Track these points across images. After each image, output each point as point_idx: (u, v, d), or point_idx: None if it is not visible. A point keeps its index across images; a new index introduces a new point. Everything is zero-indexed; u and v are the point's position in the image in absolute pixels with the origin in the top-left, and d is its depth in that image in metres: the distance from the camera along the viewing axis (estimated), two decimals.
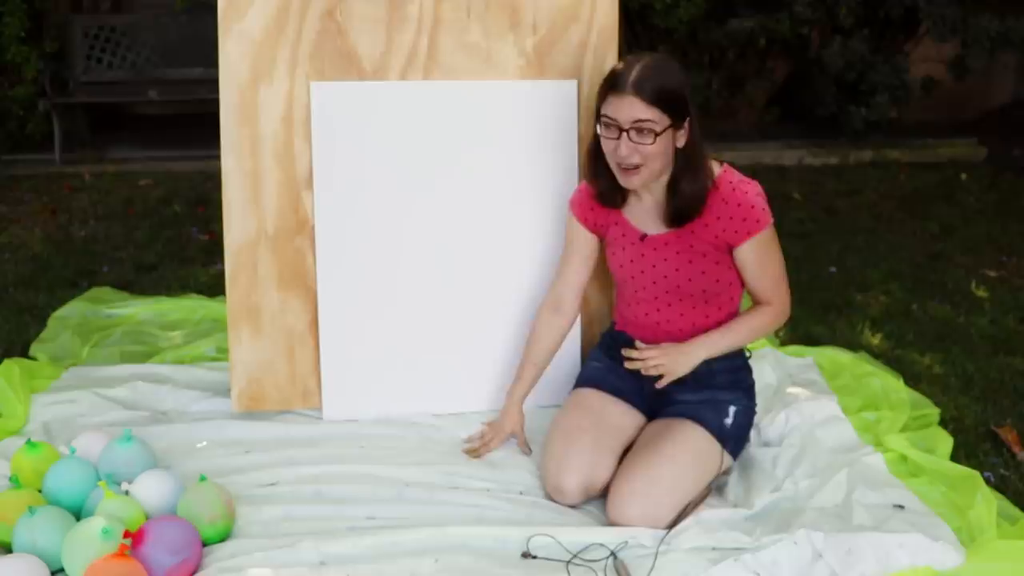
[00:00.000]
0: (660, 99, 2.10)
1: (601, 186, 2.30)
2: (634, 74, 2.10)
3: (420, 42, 2.60)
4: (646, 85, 2.09)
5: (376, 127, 2.60)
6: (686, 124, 2.15)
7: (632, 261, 2.32)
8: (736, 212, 2.19)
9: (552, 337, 2.50)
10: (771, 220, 2.23)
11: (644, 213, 2.30)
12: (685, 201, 2.19)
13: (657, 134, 2.11)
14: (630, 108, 2.10)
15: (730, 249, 2.24)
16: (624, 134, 2.12)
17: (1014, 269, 4.21)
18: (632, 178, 2.18)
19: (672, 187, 2.21)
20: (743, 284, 2.32)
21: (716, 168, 2.24)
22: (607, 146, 2.18)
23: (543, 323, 2.49)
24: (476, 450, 2.48)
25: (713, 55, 6.41)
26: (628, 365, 2.29)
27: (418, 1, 2.58)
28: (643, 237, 2.30)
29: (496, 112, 2.64)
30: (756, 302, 2.32)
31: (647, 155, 2.13)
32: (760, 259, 2.24)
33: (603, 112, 2.15)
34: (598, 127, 2.18)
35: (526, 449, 2.48)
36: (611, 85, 2.14)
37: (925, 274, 4.12)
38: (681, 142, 2.17)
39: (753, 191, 2.22)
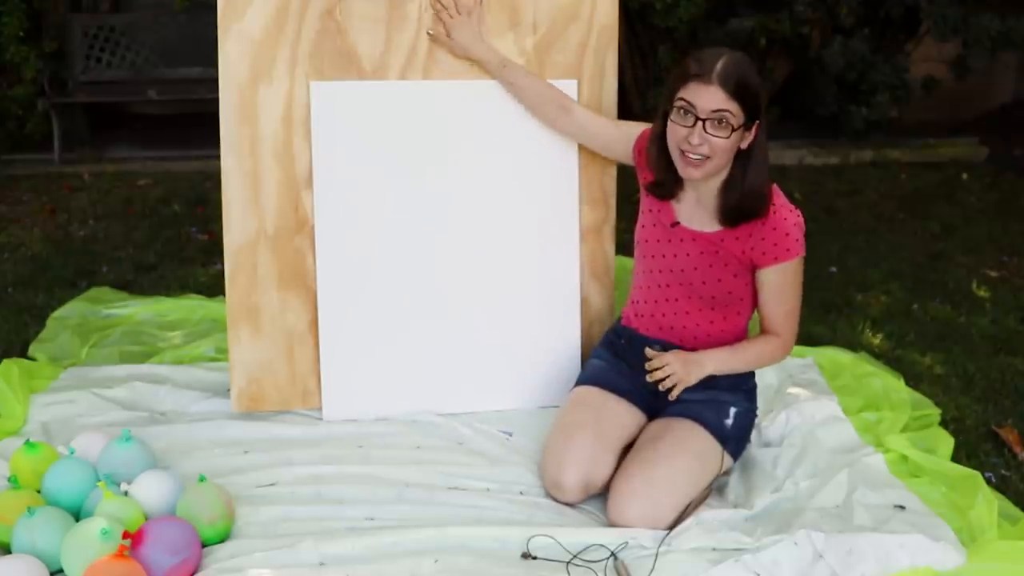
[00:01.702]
0: (741, 94, 2.07)
1: (659, 176, 2.27)
2: (720, 65, 2.07)
3: (420, 41, 2.60)
4: (732, 78, 2.07)
5: (376, 127, 2.59)
6: (755, 126, 2.13)
7: (658, 241, 2.32)
8: (770, 234, 2.18)
9: (543, 88, 2.57)
10: (802, 253, 2.21)
11: (686, 204, 2.29)
12: (747, 199, 2.16)
13: (734, 128, 2.08)
14: (712, 97, 2.07)
15: (754, 268, 2.23)
16: (700, 123, 2.09)
17: (1015, 269, 4.21)
18: (695, 170, 2.14)
19: (729, 186, 2.18)
20: (755, 306, 2.31)
21: None
22: (676, 133, 2.13)
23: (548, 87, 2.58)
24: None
25: None
26: (649, 379, 2.23)
27: (418, 0, 2.58)
28: (674, 224, 2.30)
29: (496, 112, 2.64)
30: (763, 330, 2.31)
31: (717, 148, 2.10)
32: (780, 288, 2.23)
33: (682, 97, 2.11)
34: (672, 112, 2.13)
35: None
36: (696, 72, 2.09)
37: (926, 274, 4.12)
38: (746, 143, 2.14)
39: (793, 219, 2.19)
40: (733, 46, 2.18)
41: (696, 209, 2.27)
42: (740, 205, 2.18)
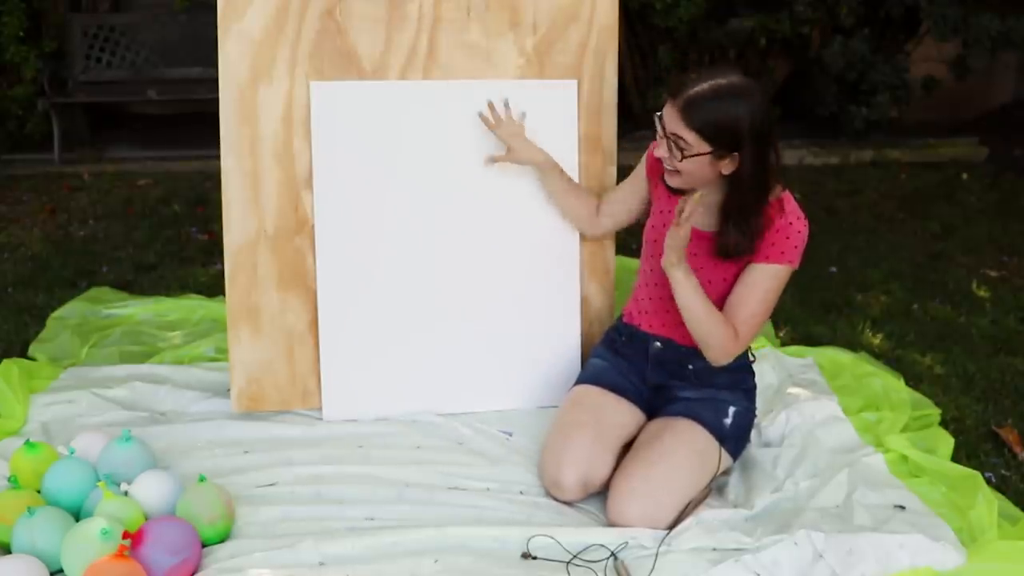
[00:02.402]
0: (700, 127, 2.07)
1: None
2: (692, 92, 2.08)
3: (420, 41, 2.60)
4: (693, 109, 2.07)
5: (376, 127, 2.59)
6: (734, 155, 2.10)
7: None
8: (772, 235, 2.17)
9: (579, 193, 2.62)
10: (794, 264, 2.19)
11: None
12: (733, 242, 2.17)
13: (686, 155, 2.10)
14: (671, 120, 2.12)
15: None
16: (665, 139, 2.15)
17: (1015, 269, 4.20)
18: (669, 178, 2.22)
19: (725, 213, 2.18)
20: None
21: (777, 190, 2.19)
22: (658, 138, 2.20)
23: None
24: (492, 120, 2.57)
25: (713, 55, 6.40)
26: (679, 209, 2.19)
27: (418, 0, 2.58)
28: None
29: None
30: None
31: (678, 166, 2.15)
32: (755, 286, 2.19)
33: (663, 109, 2.16)
34: (655, 118, 2.19)
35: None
36: (673, 90, 2.13)
37: (926, 274, 4.12)
38: (728, 170, 2.13)
39: (797, 227, 2.17)
40: (733, 46, 2.18)
41: (706, 209, 2.26)
42: (725, 247, 2.18)
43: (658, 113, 2.17)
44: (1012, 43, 5.84)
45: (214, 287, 3.70)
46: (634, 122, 6.54)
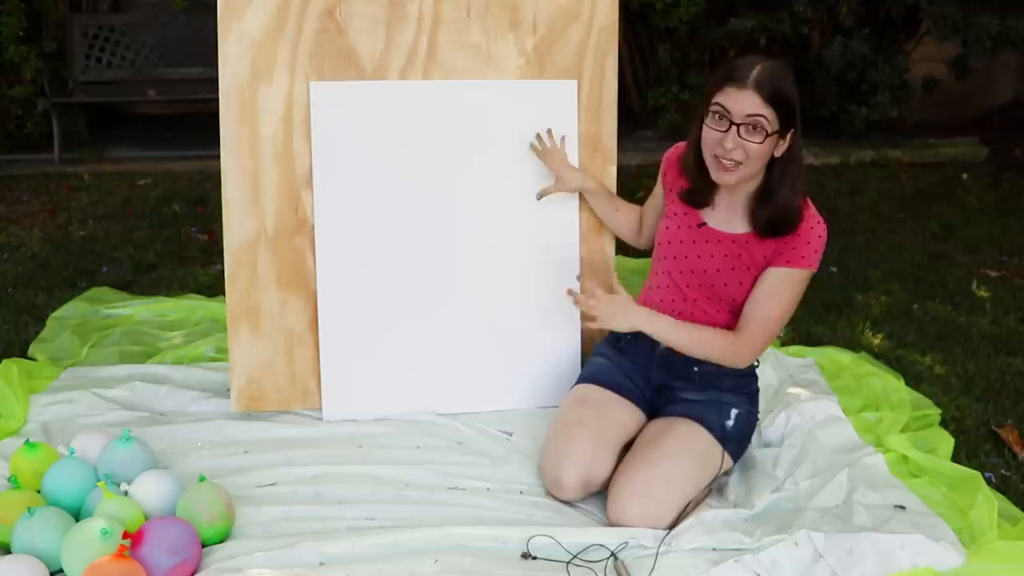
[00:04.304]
0: (776, 100, 2.08)
1: (694, 183, 2.28)
2: (756, 71, 2.09)
3: (420, 41, 2.60)
4: (766, 83, 2.08)
5: (376, 127, 2.60)
6: (790, 134, 2.14)
7: (681, 242, 2.32)
8: (792, 239, 2.18)
9: (628, 211, 2.65)
10: (814, 267, 2.20)
11: (716, 207, 2.29)
12: (783, 213, 2.17)
13: (768, 134, 2.09)
14: (747, 102, 2.08)
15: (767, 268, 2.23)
16: (734, 128, 2.10)
17: (1015, 269, 4.20)
18: (728, 175, 2.16)
19: (765, 196, 2.18)
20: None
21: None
22: (711, 136, 2.15)
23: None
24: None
25: (713, 55, 6.41)
26: (570, 295, 2.34)
27: (418, 0, 2.58)
28: (701, 225, 2.29)
29: (496, 112, 2.64)
30: (736, 327, 2.27)
31: (751, 153, 2.11)
32: (774, 289, 2.21)
33: (718, 101, 2.12)
34: (707, 117, 2.15)
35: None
36: (731, 77, 2.11)
37: (926, 274, 4.12)
38: (780, 151, 2.15)
39: (818, 231, 2.19)
40: (733, 46, 2.19)
41: (726, 212, 2.27)
42: (772, 218, 2.18)
43: (716, 106, 2.11)
44: (1012, 43, 5.84)
45: (214, 287, 3.70)
46: (634, 122, 6.54)
